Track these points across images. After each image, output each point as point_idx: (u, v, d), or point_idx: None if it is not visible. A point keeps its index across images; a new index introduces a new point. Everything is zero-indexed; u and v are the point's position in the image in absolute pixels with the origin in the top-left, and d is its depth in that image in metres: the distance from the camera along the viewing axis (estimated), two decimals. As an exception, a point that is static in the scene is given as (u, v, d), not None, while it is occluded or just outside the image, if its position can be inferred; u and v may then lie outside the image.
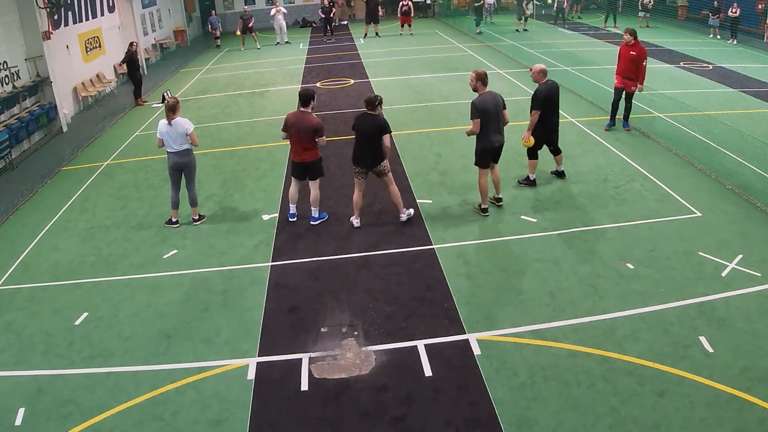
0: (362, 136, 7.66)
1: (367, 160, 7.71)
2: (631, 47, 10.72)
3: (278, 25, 24.44)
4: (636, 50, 10.69)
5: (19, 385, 5.46)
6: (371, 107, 7.59)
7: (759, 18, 22.07)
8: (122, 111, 15.20)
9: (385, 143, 7.60)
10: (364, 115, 7.69)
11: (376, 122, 7.54)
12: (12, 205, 9.48)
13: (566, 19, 27.17)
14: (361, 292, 6.61)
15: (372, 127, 7.54)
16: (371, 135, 7.57)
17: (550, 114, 8.67)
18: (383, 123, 7.57)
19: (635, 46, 10.71)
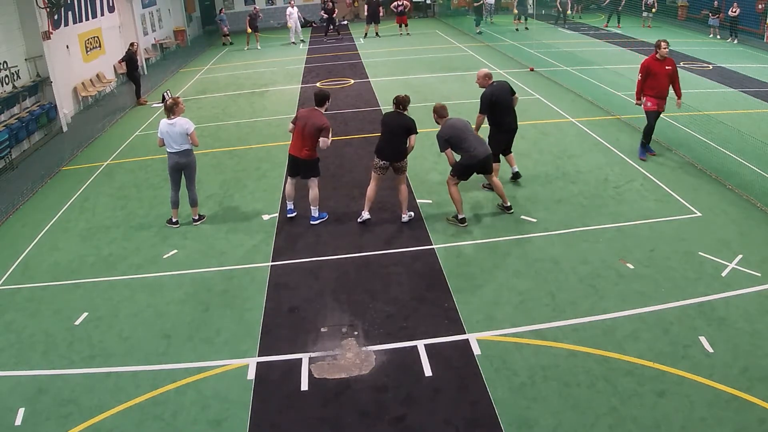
0: (390, 132, 7.88)
1: (391, 154, 7.85)
2: (666, 61, 9.46)
3: (294, 24, 24.44)
4: (671, 64, 9.51)
5: (19, 385, 5.46)
6: (403, 107, 7.89)
7: (759, 18, 22.07)
8: (122, 111, 15.20)
9: (410, 143, 7.85)
10: (395, 113, 7.94)
11: (406, 121, 7.84)
12: (12, 205, 9.48)
13: (566, 19, 27.17)
14: (361, 292, 6.61)
15: (401, 125, 7.81)
16: (399, 132, 7.81)
17: (502, 115, 8.57)
18: (412, 123, 7.86)
19: (668, 59, 9.53)
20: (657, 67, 9.46)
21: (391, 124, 7.86)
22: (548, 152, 10.45)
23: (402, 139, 7.81)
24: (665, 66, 9.45)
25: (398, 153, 7.84)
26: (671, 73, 9.53)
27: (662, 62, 9.47)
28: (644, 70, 9.55)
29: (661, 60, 9.47)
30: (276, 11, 30.47)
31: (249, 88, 16.72)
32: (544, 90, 14.70)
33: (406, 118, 7.84)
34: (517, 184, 9.14)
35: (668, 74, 9.50)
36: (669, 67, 9.47)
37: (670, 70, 9.49)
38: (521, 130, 11.56)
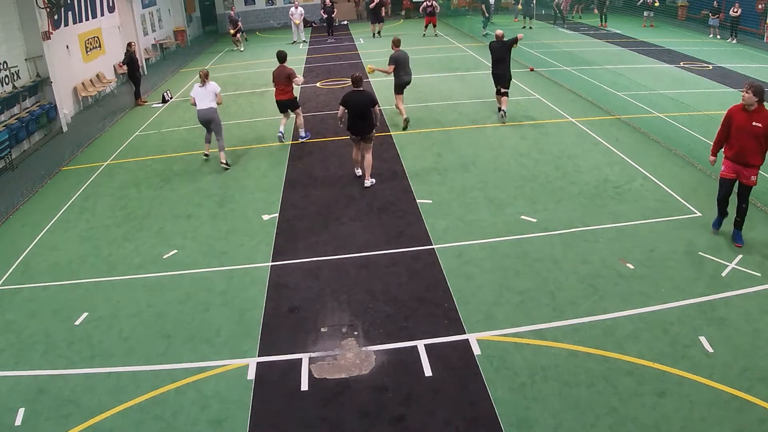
0: (356, 110, 8.94)
1: (362, 128, 9.03)
2: (756, 114, 6.81)
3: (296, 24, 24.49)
4: (763, 120, 6.77)
5: (19, 385, 5.46)
6: (358, 84, 9.05)
7: (759, 18, 22.07)
8: (122, 111, 15.20)
9: (375, 113, 9.03)
10: (353, 92, 9.03)
11: (366, 96, 9.02)
12: (12, 205, 9.48)
13: (566, 19, 27.18)
14: (361, 292, 6.61)
15: (362, 101, 8.94)
16: (363, 107, 8.93)
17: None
18: (371, 96, 9.11)
19: (761, 112, 6.80)
20: (741, 120, 6.93)
21: (355, 101, 8.93)
22: (548, 152, 10.44)
23: (367, 112, 8.92)
24: (753, 122, 6.82)
25: (367, 126, 8.99)
26: (760, 134, 6.81)
27: (750, 115, 6.86)
28: (726, 119, 7.14)
29: (749, 111, 6.86)
30: (276, 11, 30.47)
31: (249, 88, 16.71)
32: (544, 90, 14.70)
33: (365, 93, 9.05)
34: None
35: (755, 133, 6.84)
36: (759, 124, 6.78)
37: (759, 130, 6.79)
38: (521, 130, 11.62)
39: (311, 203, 8.93)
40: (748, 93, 6.78)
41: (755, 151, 6.92)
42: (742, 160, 7.03)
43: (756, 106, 6.81)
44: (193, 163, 10.97)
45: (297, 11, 24.48)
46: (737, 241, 7.28)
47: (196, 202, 9.18)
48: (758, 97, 6.79)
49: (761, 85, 6.81)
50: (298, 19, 24.51)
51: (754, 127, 6.82)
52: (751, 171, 7.04)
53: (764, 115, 6.83)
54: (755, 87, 6.79)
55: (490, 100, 13.98)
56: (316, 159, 10.78)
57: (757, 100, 6.81)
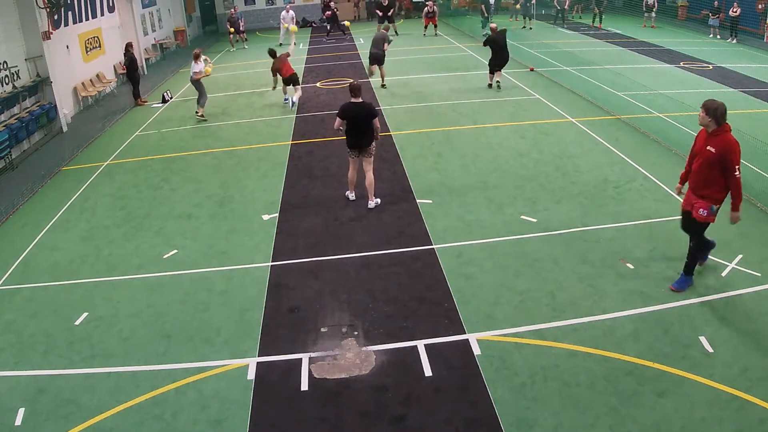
0: (354, 122, 8.29)
1: (360, 142, 8.42)
2: (712, 138, 5.90)
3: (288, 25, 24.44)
4: (717, 145, 5.84)
5: (19, 385, 5.46)
6: (356, 94, 8.31)
7: (759, 18, 22.07)
8: (122, 111, 15.20)
9: (375, 126, 8.35)
10: (352, 103, 8.31)
11: (366, 107, 8.31)
12: (12, 205, 9.48)
13: (566, 18, 27.18)
14: (361, 292, 6.61)
15: (363, 113, 8.27)
16: (362, 119, 8.28)
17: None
18: (371, 108, 8.37)
19: (719, 136, 5.87)
20: (700, 143, 6.13)
21: (351, 113, 8.26)
22: (548, 152, 10.45)
23: (366, 125, 8.28)
24: (707, 146, 5.95)
25: (366, 139, 8.37)
26: (713, 160, 5.90)
27: (707, 138, 6.00)
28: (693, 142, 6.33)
29: (709, 134, 5.98)
30: (276, 11, 30.41)
31: (249, 88, 16.71)
32: (544, 90, 14.70)
33: (365, 104, 8.34)
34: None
35: (708, 159, 5.94)
36: (712, 149, 5.88)
37: (712, 155, 5.89)
38: (521, 130, 11.63)
39: (311, 203, 8.93)
40: (701, 112, 5.95)
41: (705, 179, 6.01)
42: (695, 190, 6.18)
43: (715, 127, 5.88)
44: (193, 163, 10.97)
45: (288, 15, 24.40)
46: (673, 284, 6.40)
47: (196, 202, 9.19)
48: (711, 116, 5.84)
49: (717, 103, 5.86)
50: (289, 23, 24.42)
51: (707, 151, 5.93)
52: (701, 203, 6.09)
53: (721, 139, 5.84)
54: (707, 105, 5.88)
55: (490, 100, 14.00)
56: (316, 159, 10.78)
57: (713, 121, 5.86)
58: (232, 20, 24.04)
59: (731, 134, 5.89)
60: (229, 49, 23.97)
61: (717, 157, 5.85)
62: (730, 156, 5.79)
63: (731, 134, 5.89)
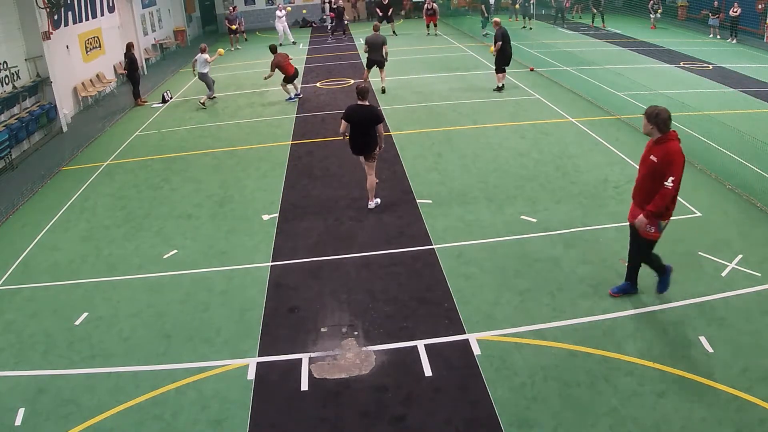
0: (357, 126, 8.06)
1: (363, 148, 8.21)
2: (656, 146, 5.62)
3: (281, 27, 24.48)
4: (660, 153, 5.54)
5: (19, 385, 5.46)
6: (363, 97, 8.04)
7: (759, 18, 22.07)
8: (122, 111, 15.20)
9: (379, 132, 8.11)
10: (357, 105, 8.08)
11: (371, 111, 8.07)
12: (12, 205, 9.48)
13: (566, 18, 27.17)
14: (361, 292, 6.61)
15: (365, 117, 8.02)
16: (365, 124, 8.03)
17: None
18: (377, 112, 8.13)
19: (663, 144, 5.57)
20: (645, 151, 5.82)
21: (356, 117, 8.03)
22: (548, 152, 10.45)
23: (369, 130, 8.03)
24: (651, 154, 5.64)
25: (368, 146, 8.15)
26: (655, 169, 5.55)
27: (651, 146, 5.71)
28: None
29: (654, 142, 5.69)
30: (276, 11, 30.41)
31: (249, 88, 16.71)
32: (544, 90, 14.70)
33: (370, 108, 8.09)
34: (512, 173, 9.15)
35: (650, 169, 5.62)
36: (654, 158, 5.57)
37: (654, 164, 5.56)
38: (521, 130, 11.63)
39: (311, 203, 8.93)
40: (643, 119, 5.67)
41: (649, 191, 5.60)
42: (640, 203, 5.76)
43: (658, 135, 5.55)
44: (194, 163, 10.98)
45: (282, 12, 24.50)
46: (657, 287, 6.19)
47: (196, 202, 9.19)
48: (653, 123, 5.51)
49: (659, 109, 5.54)
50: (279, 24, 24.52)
51: (650, 161, 5.59)
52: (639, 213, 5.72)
53: (665, 148, 5.47)
54: (648, 111, 5.57)
55: (490, 100, 14.01)
56: (316, 159, 10.78)
57: (656, 128, 5.53)
58: (230, 19, 24.04)
59: (677, 143, 5.51)
60: (229, 49, 23.98)
61: (658, 166, 5.47)
62: (670, 164, 5.38)
63: (677, 143, 5.51)
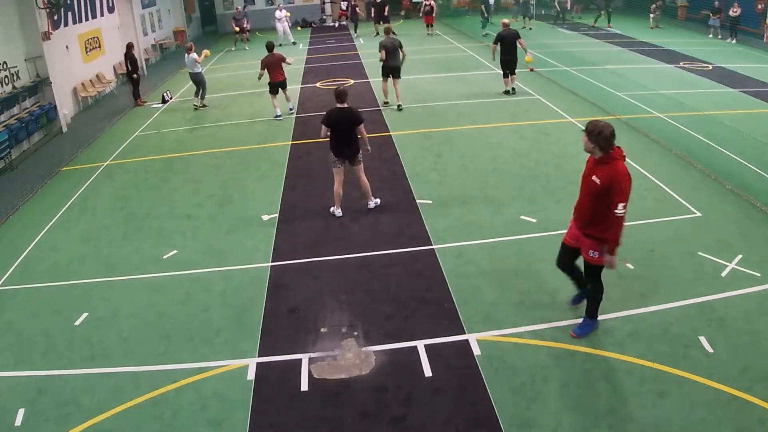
0: (339, 130, 8.01)
1: (347, 151, 8.11)
2: (599, 166, 5.06)
3: (281, 27, 24.51)
4: (603, 175, 5.00)
5: (19, 385, 5.46)
6: (342, 100, 8.03)
7: (759, 18, 22.08)
8: (122, 111, 15.20)
9: (362, 133, 8.07)
10: (337, 109, 8.04)
11: (351, 114, 8.04)
12: (12, 206, 9.48)
13: (566, 19, 27.17)
14: (360, 293, 6.61)
15: (347, 120, 7.98)
16: (347, 127, 7.99)
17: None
18: (357, 114, 8.10)
19: (607, 164, 5.01)
20: (585, 169, 5.27)
21: (337, 120, 7.98)
22: (548, 152, 10.45)
23: (352, 133, 8.01)
24: (593, 174, 5.11)
25: (352, 148, 8.09)
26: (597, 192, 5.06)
27: (593, 165, 5.15)
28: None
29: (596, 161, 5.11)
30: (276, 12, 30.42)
31: (249, 89, 16.70)
32: (543, 90, 14.70)
33: (351, 111, 8.08)
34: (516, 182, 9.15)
35: (591, 190, 5.12)
36: (597, 179, 5.04)
37: (596, 187, 5.05)
38: (521, 130, 11.63)
39: (311, 203, 8.93)
40: (583, 136, 5.06)
41: (590, 215, 5.19)
42: (580, 225, 5.37)
43: (601, 154, 5.00)
44: (193, 163, 10.98)
45: (281, 14, 24.50)
46: (575, 329, 5.70)
47: (196, 203, 9.18)
48: (594, 141, 4.94)
49: (601, 126, 4.94)
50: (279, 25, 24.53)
51: (591, 182, 5.08)
52: (589, 243, 5.31)
53: (609, 169, 4.96)
54: (588, 128, 4.99)
55: (490, 100, 14.01)
56: (316, 159, 10.77)
57: (597, 147, 4.97)
58: (237, 18, 24.04)
59: (622, 162, 5.00)
60: (230, 49, 23.99)
61: (601, 189, 4.98)
62: (617, 188, 4.90)
63: (622, 162, 5.00)
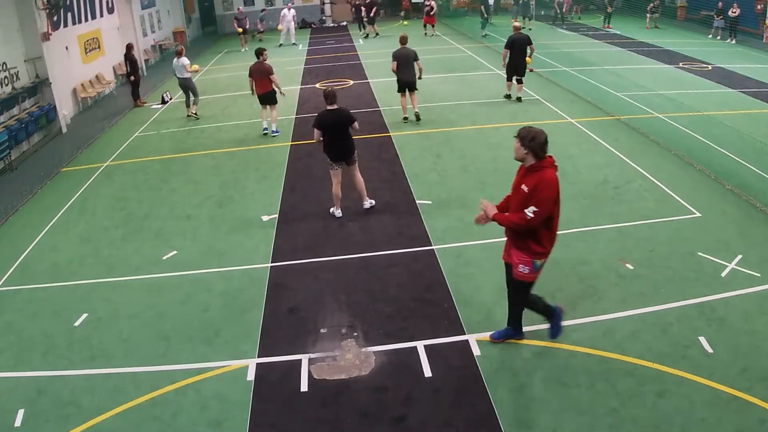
0: (332, 132, 7.95)
1: (341, 153, 8.08)
2: (529, 174, 4.84)
3: (286, 26, 24.51)
4: (531, 183, 4.78)
5: (19, 386, 5.46)
6: (331, 101, 7.90)
7: (758, 18, 22.09)
8: (121, 112, 15.20)
9: (355, 127, 8.03)
10: (328, 111, 7.94)
11: (343, 115, 7.96)
12: (12, 206, 9.47)
13: (565, 19, 27.19)
14: (360, 293, 6.61)
15: (339, 121, 7.90)
16: (340, 128, 7.93)
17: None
18: (348, 114, 7.99)
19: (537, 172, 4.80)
20: (516, 177, 5.08)
21: (329, 122, 7.90)
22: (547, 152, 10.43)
23: (345, 134, 7.97)
24: (522, 183, 4.89)
25: (347, 150, 8.07)
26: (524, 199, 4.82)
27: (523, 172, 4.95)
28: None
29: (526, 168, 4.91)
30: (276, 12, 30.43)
31: (249, 89, 16.65)
32: (543, 90, 14.70)
33: (341, 111, 7.98)
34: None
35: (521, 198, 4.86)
36: (525, 187, 4.81)
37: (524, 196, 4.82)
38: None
39: (311, 204, 8.93)
40: (515, 142, 4.82)
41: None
42: (512, 238, 5.08)
43: (533, 162, 4.78)
44: (193, 164, 10.97)
45: (290, 13, 24.55)
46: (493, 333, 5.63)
47: (196, 203, 9.18)
48: (527, 148, 4.73)
49: (534, 132, 4.75)
50: (285, 25, 24.55)
51: (521, 191, 4.83)
52: (516, 255, 5.04)
53: (538, 177, 4.73)
54: (521, 134, 4.78)
55: (490, 100, 14.01)
56: (316, 159, 10.76)
57: (531, 154, 4.75)
58: (239, 19, 24.02)
59: (553, 171, 4.80)
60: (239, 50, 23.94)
61: (528, 198, 4.74)
62: (536, 195, 4.68)
63: (553, 171, 4.80)
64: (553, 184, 4.75)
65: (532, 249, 4.93)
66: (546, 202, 4.71)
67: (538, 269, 5.08)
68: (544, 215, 4.74)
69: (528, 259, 4.98)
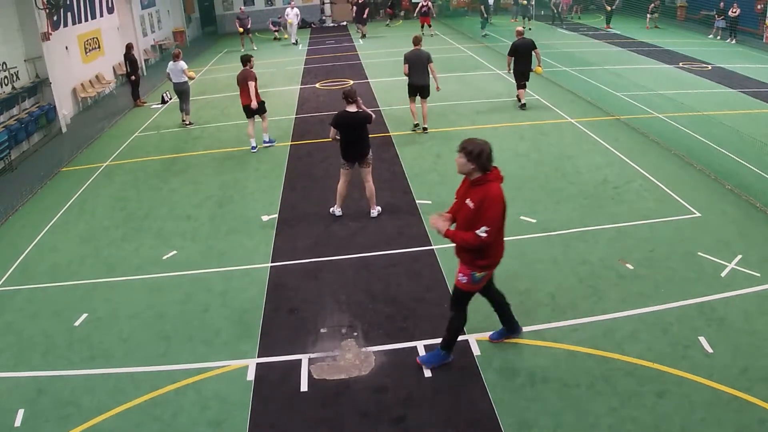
0: (349, 132, 7.89)
1: (357, 153, 8.00)
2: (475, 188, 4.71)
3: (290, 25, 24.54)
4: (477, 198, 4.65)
5: (19, 386, 5.46)
6: (351, 100, 7.81)
7: (758, 18, 22.09)
8: (121, 112, 15.20)
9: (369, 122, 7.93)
10: (345, 112, 7.85)
11: (360, 116, 7.85)
12: (11, 206, 9.47)
13: (564, 19, 27.18)
14: (360, 293, 6.61)
15: (358, 122, 7.84)
16: (357, 128, 7.87)
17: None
18: (365, 115, 7.89)
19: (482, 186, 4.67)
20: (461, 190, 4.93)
21: (346, 123, 7.84)
22: (547, 153, 10.45)
23: (362, 133, 7.92)
24: (467, 197, 4.75)
25: (363, 150, 8.00)
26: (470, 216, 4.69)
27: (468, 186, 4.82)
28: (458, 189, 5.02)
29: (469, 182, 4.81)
30: (275, 12, 30.45)
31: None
32: (543, 90, 14.71)
33: (358, 114, 7.87)
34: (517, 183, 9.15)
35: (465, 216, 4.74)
36: (471, 203, 4.67)
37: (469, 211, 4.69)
38: (520, 131, 11.63)
39: (311, 204, 8.93)
40: (459, 156, 4.66)
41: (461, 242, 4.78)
42: (456, 250, 4.96)
43: (478, 175, 4.65)
44: (193, 164, 10.97)
45: (292, 12, 24.56)
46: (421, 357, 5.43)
47: (196, 203, 9.18)
48: (474, 162, 4.59)
49: (480, 145, 4.62)
50: (293, 19, 24.56)
51: (466, 206, 4.70)
52: (460, 267, 4.96)
53: (483, 191, 4.61)
54: (466, 147, 4.62)
55: (490, 101, 14.02)
56: (316, 159, 10.78)
57: (477, 168, 4.62)
58: (240, 18, 24.01)
59: (498, 184, 4.68)
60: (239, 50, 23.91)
61: (474, 214, 4.62)
62: (486, 213, 4.56)
63: (498, 184, 4.68)
64: (499, 201, 4.63)
65: (476, 263, 4.87)
66: (495, 220, 4.62)
67: (477, 282, 4.97)
68: (496, 231, 4.69)
69: (468, 271, 4.91)
